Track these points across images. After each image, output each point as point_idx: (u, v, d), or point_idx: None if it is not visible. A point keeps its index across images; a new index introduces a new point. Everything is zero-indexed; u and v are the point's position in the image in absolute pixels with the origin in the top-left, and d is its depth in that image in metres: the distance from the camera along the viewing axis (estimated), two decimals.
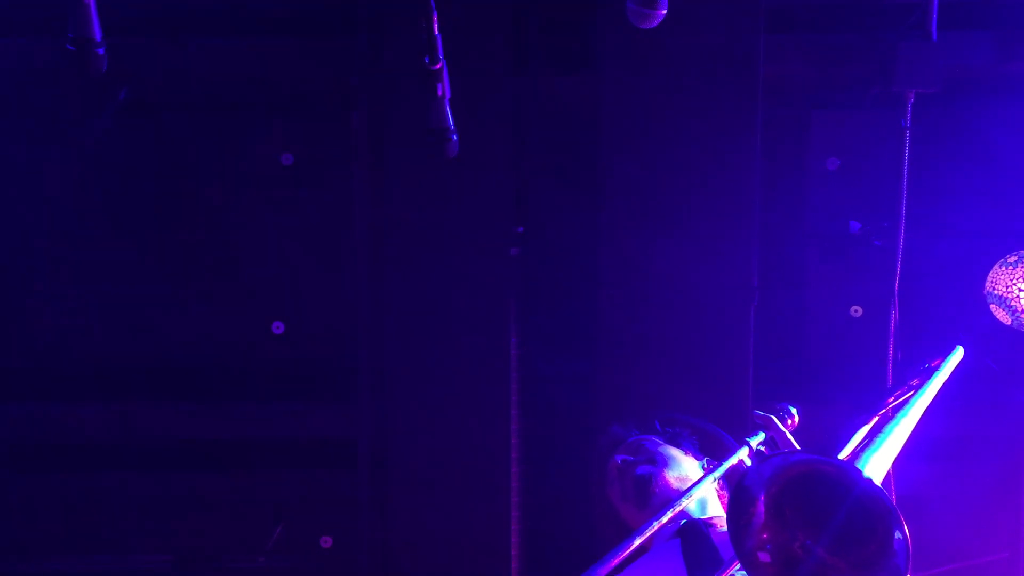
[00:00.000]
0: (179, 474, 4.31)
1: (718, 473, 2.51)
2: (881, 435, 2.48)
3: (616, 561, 2.24)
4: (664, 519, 2.36)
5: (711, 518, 2.90)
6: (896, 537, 2.18)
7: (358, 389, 4.15)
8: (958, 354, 3.28)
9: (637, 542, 2.30)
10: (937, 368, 3.16)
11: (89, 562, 4.32)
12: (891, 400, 2.77)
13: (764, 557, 2.26)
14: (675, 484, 3.06)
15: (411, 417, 4.09)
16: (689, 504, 2.88)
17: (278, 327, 4.26)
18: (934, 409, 4.24)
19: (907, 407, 2.70)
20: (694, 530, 2.79)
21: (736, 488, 2.26)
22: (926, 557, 4.17)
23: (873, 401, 2.75)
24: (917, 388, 2.91)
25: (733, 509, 2.27)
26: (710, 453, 3.32)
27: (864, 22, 4.08)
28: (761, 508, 2.26)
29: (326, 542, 4.31)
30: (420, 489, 4.14)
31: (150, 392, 4.29)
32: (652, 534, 2.80)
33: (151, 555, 4.32)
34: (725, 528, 2.75)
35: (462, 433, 4.08)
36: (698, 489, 2.61)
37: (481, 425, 4.07)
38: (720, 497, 3.01)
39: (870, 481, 2.19)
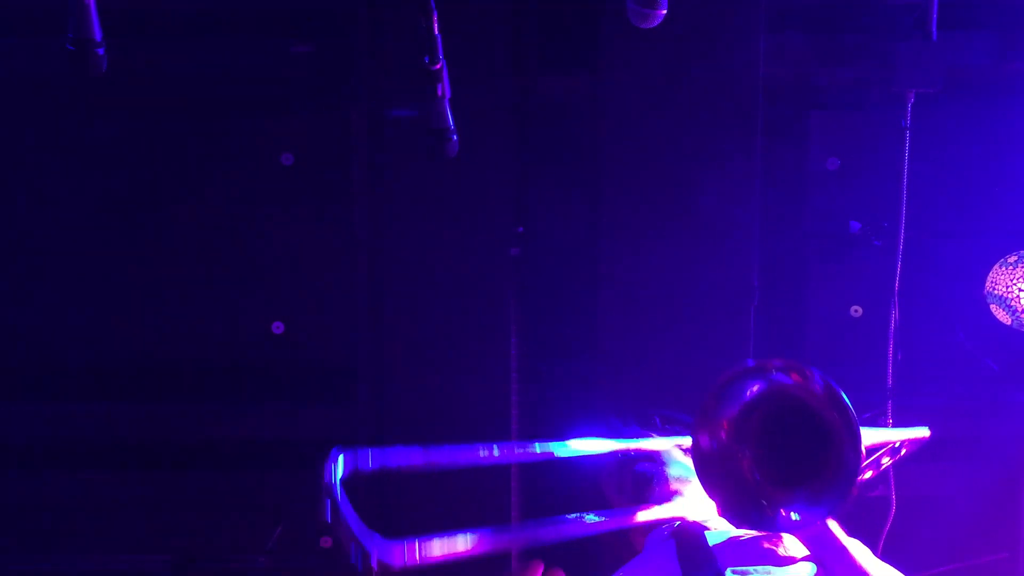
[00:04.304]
0: (179, 474, 4.31)
1: None
2: None
3: None
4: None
5: (706, 521, 2.90)
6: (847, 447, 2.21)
7: (358, 389, 4.15)
8: (921, 432, 3.22)
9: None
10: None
11: (89, 562, 4.32)
12: None
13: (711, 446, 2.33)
14: (674, 484, 3.07)
15: (411, 417, 4.09)
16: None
17: (278, 327, 4.26)
18: (934, 408, 4.25)
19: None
20: (689, 532, 2.80)
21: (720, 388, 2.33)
22: (926, 557, 4.17)
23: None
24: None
25: (706, 410, 2.33)
26: None
27: (864, 22, 4.08)
28: (734, 414, 2.33)
29: (326, 542, 4.31)
30: (420, 490, 4.13)
31: (150, 392, 4.29)
32: (648, 536, 2.81)
33: (151, 555, 4.32)
34: (719, 529, 2.76)
35: (462, 433, 4.07)
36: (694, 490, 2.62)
37: (481, 425, 4.07)
38: None
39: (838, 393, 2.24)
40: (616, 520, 2.51)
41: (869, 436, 2.66)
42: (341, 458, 1.82)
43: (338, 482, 1.83)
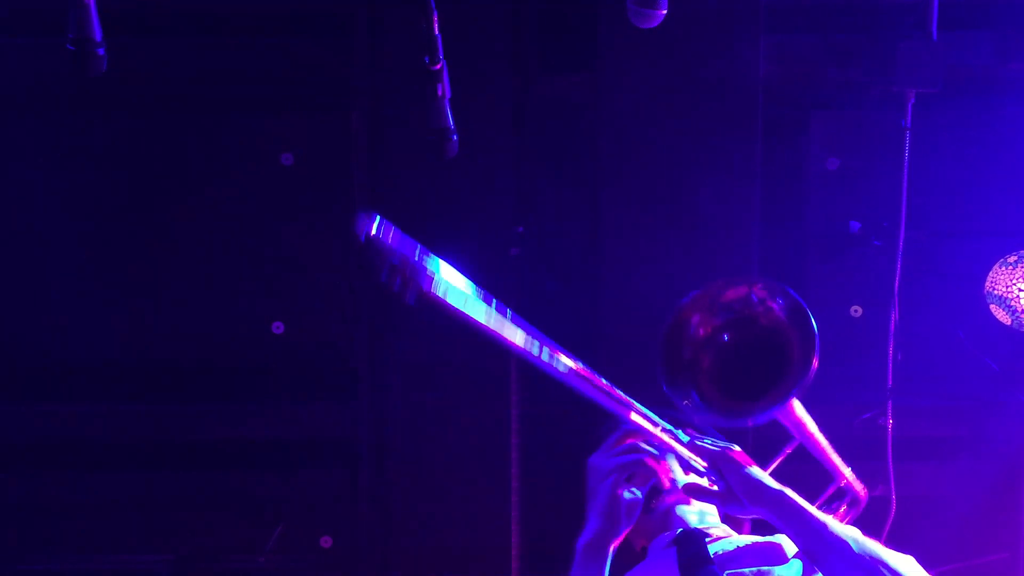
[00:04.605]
0: (179, 474, 4.31)
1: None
2: None
3: None
4: None
5: (708, 528, 2.90)
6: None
7: (358, 388, 4.15)
8: (859, 485, 3.15)
9: None
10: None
11: (89, 562, 4.32)
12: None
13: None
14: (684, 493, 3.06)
15: (411, 416, 4.09)
16: (689, 513, 2.89)
17: (278, 327, 4.26)
18: (934, 408, 4.25)
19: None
20: (691, 540, 2.80)
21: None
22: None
23: None
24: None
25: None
26: None
27: (864, 22, 4.08)
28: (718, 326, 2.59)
29: (326, 542, 4.31)
30: (420, 489, 4.14)
31: (150, 392, 4.29)
32: (651, 543, 2.81)
33: (151, 555, 4.32)
34: (722, 536, 2.77)
35: (462, 432, 4.08)
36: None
37: (481, 425, 4.07)
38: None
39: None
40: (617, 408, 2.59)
41: (814, 426, 2.71)
42: (377, 216, 2.01)
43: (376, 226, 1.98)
